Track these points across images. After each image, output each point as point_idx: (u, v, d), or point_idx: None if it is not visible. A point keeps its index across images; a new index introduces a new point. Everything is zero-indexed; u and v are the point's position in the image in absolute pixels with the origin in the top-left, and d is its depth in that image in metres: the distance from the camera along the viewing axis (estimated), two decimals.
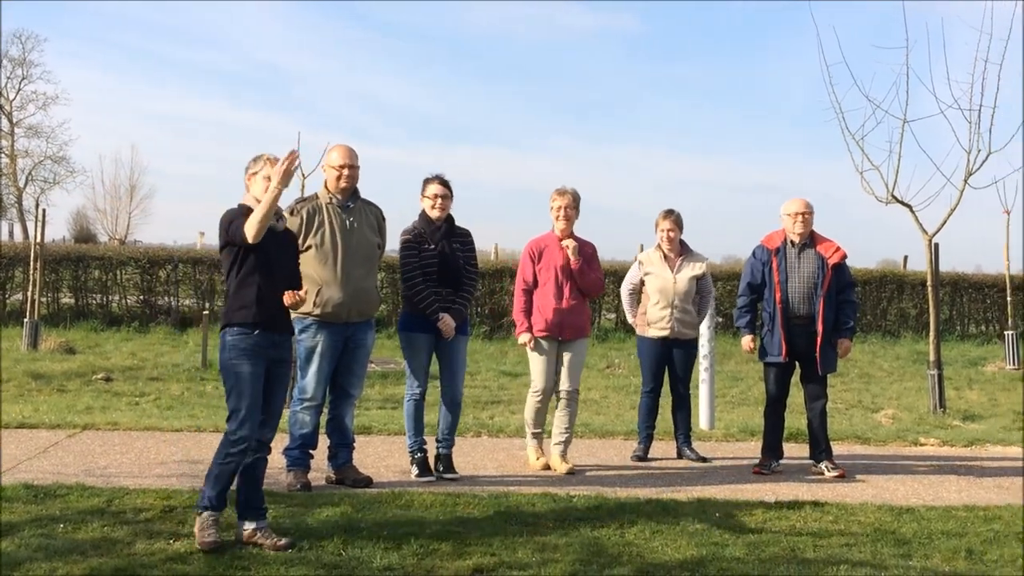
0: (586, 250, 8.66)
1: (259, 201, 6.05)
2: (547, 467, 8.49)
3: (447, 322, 7.95)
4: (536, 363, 8.53)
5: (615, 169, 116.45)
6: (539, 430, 8.67)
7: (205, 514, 5.92)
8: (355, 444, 7.97)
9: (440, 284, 8.03)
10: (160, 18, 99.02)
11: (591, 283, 8.63)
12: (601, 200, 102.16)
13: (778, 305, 8.67)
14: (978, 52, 12.82)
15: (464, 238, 8.29)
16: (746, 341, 8.96)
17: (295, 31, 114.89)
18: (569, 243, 8.45)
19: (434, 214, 8.12)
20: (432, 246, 8.05)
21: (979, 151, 12.98)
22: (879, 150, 13.82)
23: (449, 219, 8.21)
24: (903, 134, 13.05)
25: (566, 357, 8.58)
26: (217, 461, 6.02)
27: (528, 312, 8.52)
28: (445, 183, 8.17)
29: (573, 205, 8.61)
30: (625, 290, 9.61)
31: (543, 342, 8.49)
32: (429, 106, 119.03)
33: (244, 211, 6.10)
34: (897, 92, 13.24)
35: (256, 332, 6.05)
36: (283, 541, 5.92)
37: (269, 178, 6.06)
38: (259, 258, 6.10)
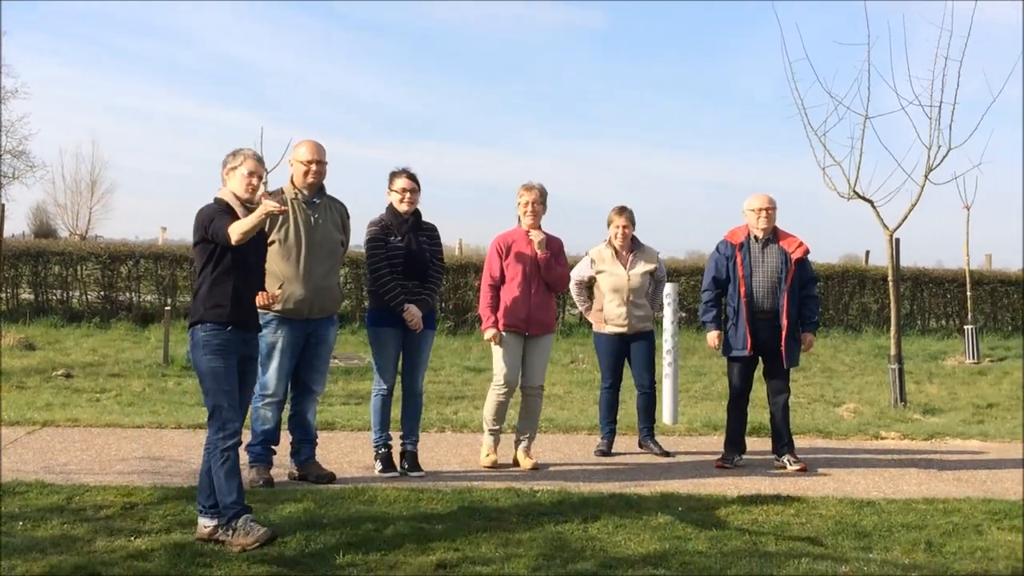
0: (553, 245, 8.65)
1: (237, 197, 6.07)
2: (495, 464, 8.41)
3: (413, 312, 7.93)
4: (500, 358, 8.50)
5: (581, 164, 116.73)
6: (498, 427, 8.59)
7: (240, 520, 5.81)
8: (318, 440, 7.94)
9: (407, 277, 8.00)
10: (121, 12, 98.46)
11: (557, 277, 8.62)
12: (567, 195, 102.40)
13: (743, 300, 8.70)
14: (939, 49, 12.93)
15: (431, 232, 8.27)
16: (712, 337, 8.97)
17: (257, 25, 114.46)
18: (536, 235, 8.45)
19: (402, 208, 8.08)
20: (399, 239, 8.03)
21: (939, 147, 13.10)
22: (841, 146, 13.90)
23: (416, 213, 8.19)
24: (865, 130, 13.14)
25: (531, 353, 8.56)
26: (217, 466, 5.94)
27: (495, 307, 8.48)
28: (412, 176, 8.15)
29: (540, 200, 8.60)
30: (574, 284, 9.51)
31: (509, 337, 8.48)
32: (394, 101, 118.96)
33: (223, 207, 6.06)
34: (859, 88, 13.38)
35: (228, 329, 6.02)
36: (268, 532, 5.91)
37: (251, 177, 6.12)
38: (235, 257, 6.06)
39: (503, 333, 8.44)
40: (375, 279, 8.02)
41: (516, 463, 8.52)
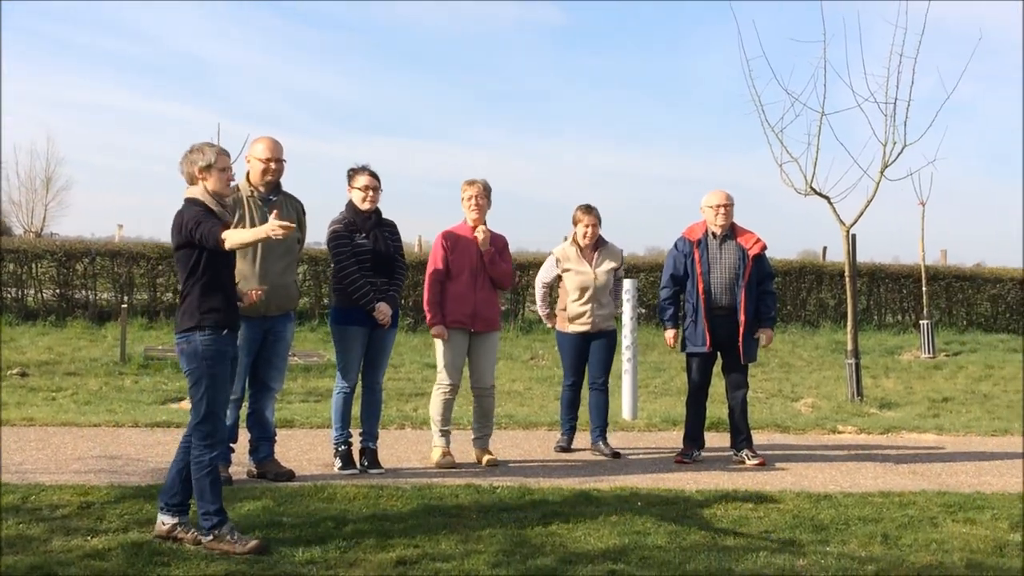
0: (497, 242, 8.64)
1: (212, 195, 5.98)
2: (452, 465, 8.29)
3: (383, 310, 7.91)
4: (445, 356, 8.46)
5: (537, 160, 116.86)
6: (447, 427, 8.53)
7: (225, 528, 5.77)
8: (277, 438, 7.90)
9: (374, 275, 7.98)
10: (73, 6, 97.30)
11: (503, 273, 8.61)
12: (523, 191, 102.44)
13: (701, 296, 8.74)
14: (893, 46, 13.07)
15: (391, 228, 8.25)
16: (669, 336, 9.02)
17: (213, 20, 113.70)
18: (481, 230, 8.44)
19: (365, 206, 8.05)
20: (364, 236, 8.00)
21: (895, 143, 13.25)
22: (798, 143, 14.07)
23: (377, 210, 8.16)
24: (821, 127, 13.27)
25: (479, 352, 8.52)
26: (201, 474, 5.86)
27: (440, 303, 8.45)
28: (374, 174, 8.12)
29: (484, 195, 8.57)
30: (540, 285, 9.46)
31: (454, 333, 8.43)
32: (351, 97, 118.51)
33: (205, 208, 5.95)
34: (815, 85, 13.48)
35: (224, 333, 5.96)
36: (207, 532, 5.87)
37: (228, 172, 6.07)
38: (224, 259, 6.01)
39: (449, 329, 8.42)
40: (343, 278, 7.97)
41: (478, 461, 8.49)
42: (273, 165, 7.58)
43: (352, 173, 8.14)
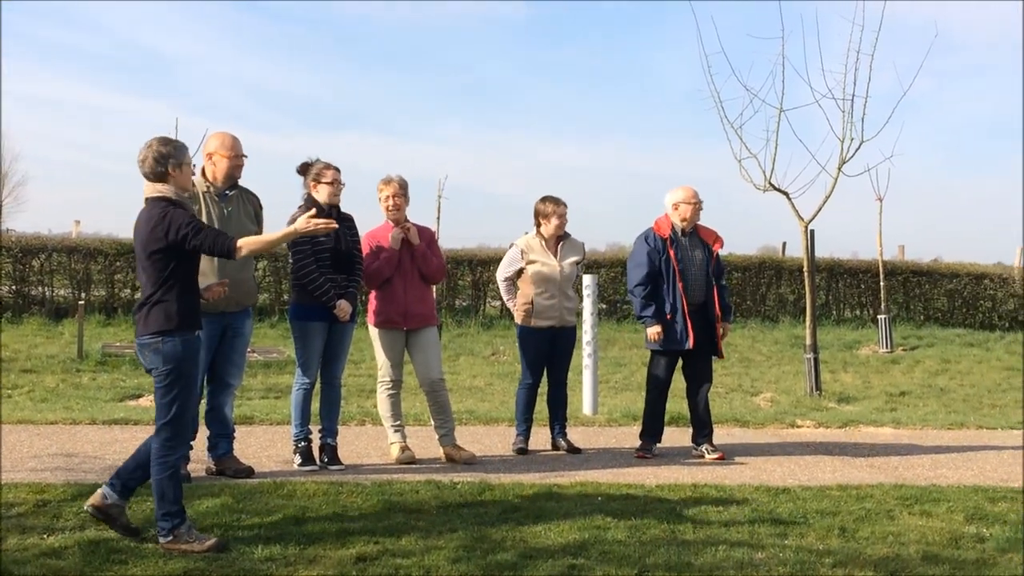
0: (425, 235, 8.58)
1: (182, 190, 5.91)
2: (413, 460, 8.26)
3: (344, 308, 7.89)
4: (382, 354, 8.45)
5: (499, 155, 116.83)
6: (398, 422, 8.50)
7: (184, 527, 5.71)
8: (236, 434, 7.86)
9: (334, 271, 7.94)
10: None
11: (434, 269, 8.56)
12: (485, 186, 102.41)
13: (682, 295, 8.71)
14: (851, 43, 13.17)
15: (349, 223, 8.20)
16: (654, 332, 8.79)
17: (171, 13, 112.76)
18: (395, 233, 8.32)
19: (333, 201, 7.99)
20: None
21: (852, 140, 13.36)
22: (756, 138, 14.14)
23: (334, 205, 8.12)
24: (779, 123, 13.35)
25: (418, 348, 8.46)
26: (164, 476, 5.77)
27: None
28: (338, 169, 8.07)
29: (401, 193, 8.44)
30: (503, 277, 9.22)
31: (387, 333, 8.41)
32: (312, 92, 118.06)
33: (189, 212, 5.89)
34: (774, 82, 13.62)
35: (197, 335, 5.92)
36: (133, 527, 5.89)
37: (192, 168, 6.01)
38: (195, 262, 5.96)
39: (381, 329, 8.39)
40: (303, 275, 7.91)
41: (448, 459, 8.41)
42: (242, 161, 7.54)
43: (312, 168, 8.04)
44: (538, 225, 9.10)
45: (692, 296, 8.77)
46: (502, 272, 9.24)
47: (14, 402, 11.22)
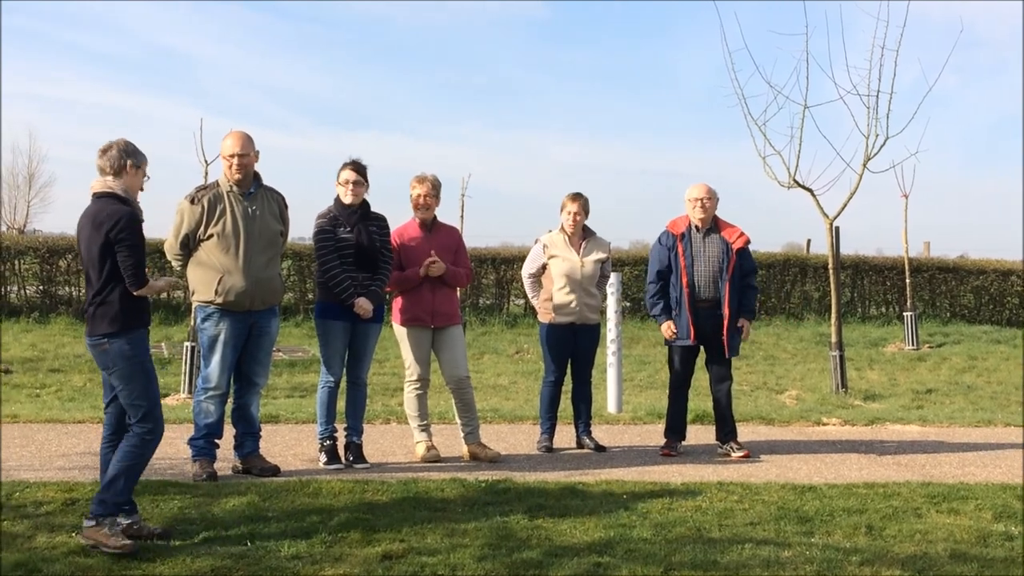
0: (451, 241, 8.59)
1: (132, 191, 5.90)
2: (438, 459, 8.27)
3: (362, 305, 7.89)
4: (408, 352, 8.44)
5: (519, 155, 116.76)
6: (425, 421, 8.50)
7: (105, 521, 5.63)
8: (262, 433, 7.89)
9: (357, 269, 7.96)
10: (54, 2, 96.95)
11: (460, 279, 8.58)
12: (505, 186, 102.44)
13: (685, 289, 8.74)
14: (875, 39, 13.08)
15: (379, 223, 8.20)
16: (666, 328, 8.90)
17: (192, 16, 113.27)
18: (429, 264, 8.28)
19: (347, 199, 8.03)
20: (348, 230, 7.97)
21: (877, 136, 13.25)
22: (781, 135, 14.03)
23: (364, 204, 8.13)
24: (804, 119, 13.26)
25: (444, 346, 8.46)
26: (132, 460, 5.78)
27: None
28: (359, 169, 8.08)
29: (433, 193, 8.45)
30: (527, 274, 9.28)
31: (414, 331, 8.40)
32: (332, 92, 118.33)
33: (133, 208, 5.87)
34: (798, 78, 13.47)
35: (145, 332, 5.94)
36: (159, 529, 5.88)
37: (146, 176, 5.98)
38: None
39: (408, 327, 8.41)
40: (324, 272, 7.96)
41: (473, 457, 8.41)
42: (236, 160, 7.50)
43: (341, 167, 8.11)
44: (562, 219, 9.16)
45: (699, 292, 8.77)
46: (527, 269, 9.29)
47: (42, 401, 11.30)
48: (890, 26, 13.03)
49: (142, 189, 6.06)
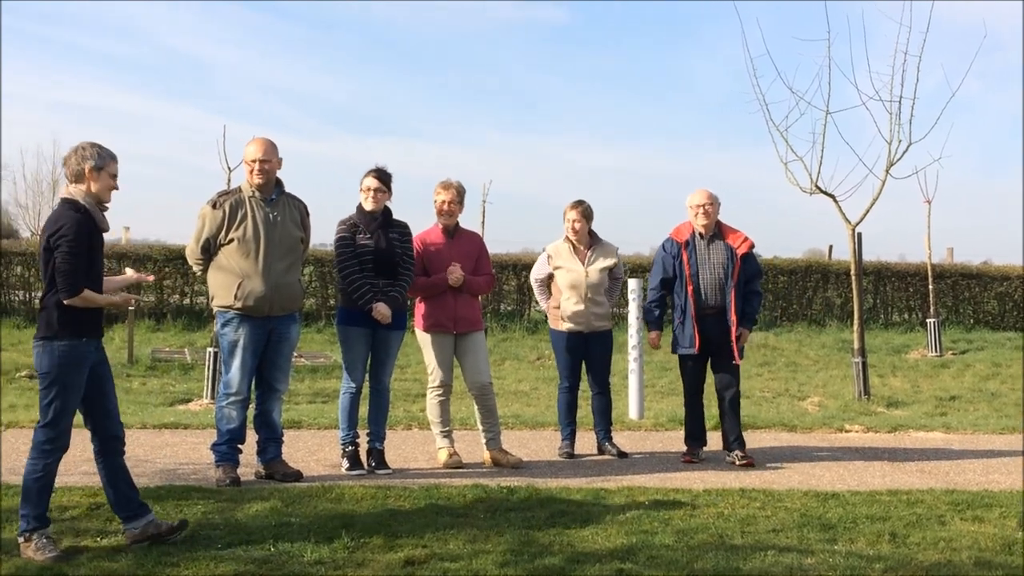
0: (473, 247, 8.61)
1: (96, 197, 5.84)
2: (460, 465, 8.28)
3: (380, 310, 7.89)
4: (432, 358, 8.44)
5: (542, 161, 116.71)
6: (447, 427, 8.51)
7: (34, 535, 5.62)
8: (284, 438, 7.92)
9: (377, 275, 7.97)
10: (72, 9, 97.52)
11: (480, 287, 8.60)
12: (524, 191, 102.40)
13: (690, 297, 8.72)
14: (898, 44, 13.04)
15: (401, 230, 8.22)
16: (652, 337, 9.15)
17: (210, 22, 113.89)
18: (453, 273, 8.31)
19: (368, 206, 8.06)
20: (367, 237, 8.00)
21: (900, 142, 13.22)
22: (803, 141, 14.00)
23: (386, 211, 8.16)
24: (826, 125, 13.23)
25: (466, 352, 8.46)
26: (31, 476, 5.76)
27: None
28: (381, 176, 8.10)
29: (457, 200, 8.49)
30: (534, 282, 9.42)
31: (437, 337, 8.41)
32: (356, 99, 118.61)
33: (86, 216, 5.74)
34: (820, 84, 13.43)
35: (84, 340, 5.86)
36: (175, 523, 5.93)
37: (115, 180, 5.91)
38: (97, 270, 5.92)
39: (431, 333, 8.41)
40: (343, 278, 7.99)
41: (494, 463, 8.42)
42: (258, 166, 7.56)
43: (365, 174, 8.14)
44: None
45: (705, 299, 8.75)
46: (534, 275, 9.45)
47: None
48: (913, 31, 12.99)
49: (116, 188, 5.96)
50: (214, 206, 7.50)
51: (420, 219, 8.63)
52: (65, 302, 5.67)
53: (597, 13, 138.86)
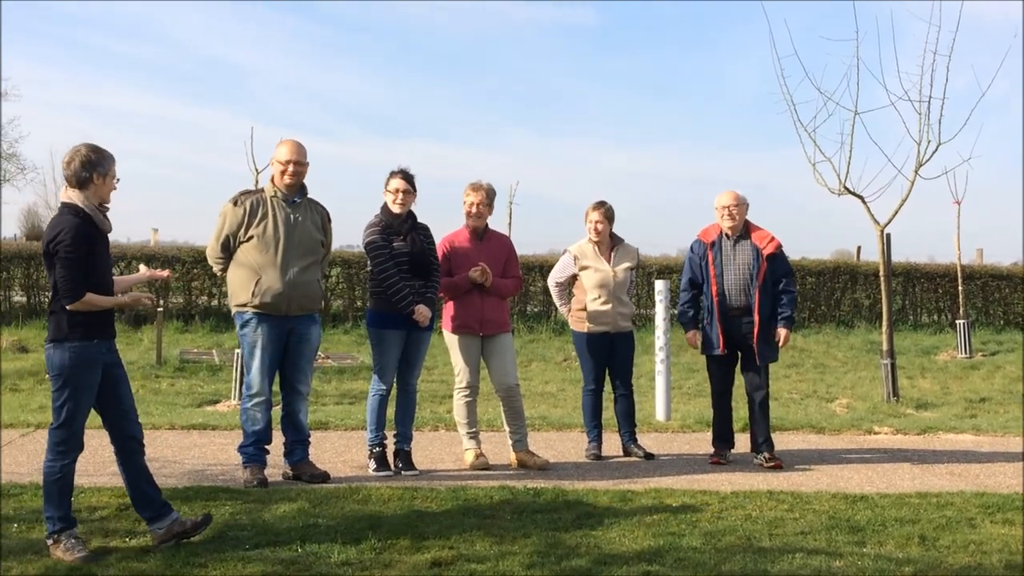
0: (501, 250, 8.60)
1: (99, 200, 5.84)
2: (486, 467, 8.25)
3: (423, 312, 7.90)
4: (459, 359, 8.43)
5: (566, 163, 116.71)
6: (474, 429, 8.50)
7: (62, 537, 5.66)
8: (311, 439, 7.93)
9: (412, 277, 7.98)
10: (104, 14, 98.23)
11: (507, 290, 8.58)
12: (551, 194, 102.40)
13: (715, 298, 8.70)
14: (927, 44, 12.97)
15: (426, 232, 8.23)
16: (689, 336, 9.04)
17: (240, 26, 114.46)
18: (478, 271, 8.29)
19: (395, 208, 8.06)
20: (402, 240, 8.00)
21: (929, 142, 13.14)
22: (831, 142, 13.97)
23: (411, 213, 8.16)
24: (854, 126, 13.17)
25: (494, 354, 8.45)
26: (49, 479, 5.77)
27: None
28: (408, 178, 8.10)
29: (487, 202, 8.47)
30: (554, 282, 9.39)
31: (464, 339, 8.40)
32: (379, 101, 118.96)
33: (85, 221, 5.74)
34: (848, 84, 13.39)
35: (96, 342, 5.82)
36: (199, 519, 5.95)
37: (116, 182, 5.90)
38: (101, 271, 5.89)
39: (458, 335, 8.41)
40: (382, 281, 7.96)
41: (521, 464, 8.40)
42: (291, 168, 7.60)
43: (389, 175, 8.14)
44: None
45: (730, 300, 8.71)
46: (553, 277, 9.40)
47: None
48: (942, 30, 12.92)
49: (115, 189, 5.96)
50: (235, 203, 7.53)
51: (445, 222, 8.63)
52: (69, 308, 5.68)
53: (625, 14, 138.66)
